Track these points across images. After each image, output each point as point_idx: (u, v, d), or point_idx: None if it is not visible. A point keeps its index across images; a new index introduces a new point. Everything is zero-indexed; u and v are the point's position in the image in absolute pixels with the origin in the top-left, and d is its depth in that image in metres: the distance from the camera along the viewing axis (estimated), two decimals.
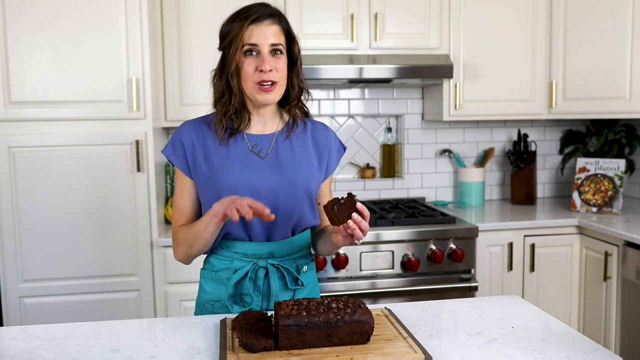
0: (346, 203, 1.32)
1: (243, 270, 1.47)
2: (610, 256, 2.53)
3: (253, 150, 1.48)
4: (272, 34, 1.42)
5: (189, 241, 1.46)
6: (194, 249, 1.47)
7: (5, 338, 1.33)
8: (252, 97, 1.45)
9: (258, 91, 1.43)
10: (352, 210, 1.33)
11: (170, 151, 1.51)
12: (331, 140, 1.58)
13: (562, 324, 1.37)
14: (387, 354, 1.15)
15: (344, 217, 1.32)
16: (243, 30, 1.40)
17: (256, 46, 1.41)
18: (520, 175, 3.18)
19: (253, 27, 1.41)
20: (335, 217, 1.31)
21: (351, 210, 1.33)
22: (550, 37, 2.95)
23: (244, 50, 1.41)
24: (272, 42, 1.42)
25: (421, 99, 3.25)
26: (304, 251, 1.56)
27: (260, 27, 1.41)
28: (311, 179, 1.51)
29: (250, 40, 1.40)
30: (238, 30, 1.40)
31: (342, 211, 1.32)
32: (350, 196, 1.33)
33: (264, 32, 1.41)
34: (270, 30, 1.42)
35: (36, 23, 2.28)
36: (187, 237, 1.46)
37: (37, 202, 2.35)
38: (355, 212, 1.33)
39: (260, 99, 1.44)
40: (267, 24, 1.42)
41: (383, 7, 2.80)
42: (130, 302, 2.44)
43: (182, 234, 1.48)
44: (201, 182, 1.48)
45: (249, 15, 1.41)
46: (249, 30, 1.40)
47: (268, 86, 1.42)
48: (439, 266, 2.57)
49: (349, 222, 1.32)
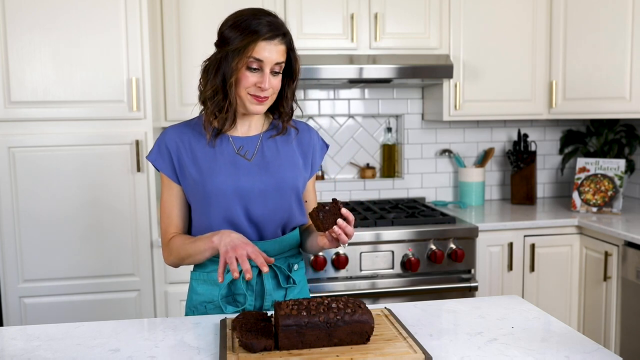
0: (331, 209, 1.34)
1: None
2: (610, 256, 2.53)
3: (239, 152, 1.49)
4: (278, 53, 1.42)
5: (181, 255, 1.49)
6: (185, 262, 1.51)
7: (5, 338, 1.33)
8: (243, 105, 1.46)
9: (251, 101, 1.44)
10: (337, 216, 1.35)
11: (156, 156, 1.51)
12: (314, 139, 1.61)
13: (562, 324, 1.37)
14: (387, 354, 1.15)
15: (329, 223, 1.34)
16: (252, 45, 1.39)
17: (262, 63, 1.41)
18: (520, 175, 3.18)
19: (263, 44, 1.40)
20: (321, 224, 1.34)
21: (336, 215, 1.35)
22: (550, 37, 2.95)
23: (248, 64, 1.41)
24: (277, 62, 1.43)
25: (421, 99, 3.25)
26: (294, 250, 1.58)
27: (269, 45, 1.41)
28: (298, 177, 1.52)
29: (257, 56, 1.40)
30: (247, 44, 1.39)
31: (327, 217, 1.34)
32: (334, 202, 1.35)
33: (272, 51, 1.41)
34: (277, 50, 1.42)
35: (36, 23, 2.28)
36: (179, 251, 1.48)
37: (37, 202, 2.35)
38: (340, 217, 1.35)
39: (251, 109, 1.46)
40: (276, 43, 1.42)
41: (383, 7, 2.80)
42: (130, 302, 2.44)
43: (175, 246, 1.49)
44: (189, 187, 1.48)
45: (260, 31, 1.39)
46: (258, 46, 1.40)
47: (260, 98, 1.44)
48: (439, 266, 2.57)
49: (334, 228, 1.34)
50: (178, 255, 1.49)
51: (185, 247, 1.47)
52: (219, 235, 1.38)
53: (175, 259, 1.51)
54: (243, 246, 1.32)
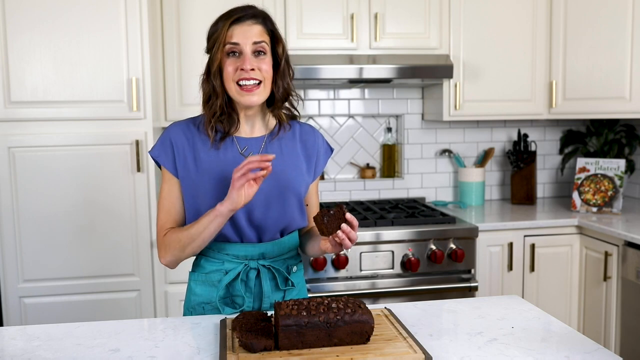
0: (335, 214, 1.34)
1: (234, 272, 1.47)
2: (610, 256, 2.53)
3: (243, 153, 1.48)
4: (254, 33, 1.41)
5: (183, 243, 1.42)
6: (187, 251, 1.44)
7: (5, 338, 1.33)
8: (235, 98, 1.44)
9: (239, 92, 1.42)
10: (341, 220, 1.34)
11: (158, 151, 1.49)
12: (319, 142, 1.59)
13: (562, 324, 1.37)
14: (387, 354, 1.15)
15: (333, 227, 1.34)
16: (225, 30, 1.40)
17: (237, 45, 1.40)
18: (520, 175, 3.18)
19: (235, 26, 1.40)
20: (325, 229, 1.34)
21: (340, 220, 1.34)
22: (550, 37, 2.95)
23: (225, 51, 1.41)
24: (254, 41, 1.41)
25: (421, 99, 3.25)
26: (293, 252, 1.57)
27: (242, 26, 1.41)
28: (300, 182, 1.51)
29: (231, 39, 1.40)
30: (220, 31, 1.40)
31: (331, 222, 1.34)
32: (339, 207, 1.35)
33: (245, 31, 1.40)
34: (252, 30, 1.41)
35: (36, 23, 2.28)
36: (180, 239, 1.42)
37: (37, 202, 2.35)
38: (344, 222, 1.34)
39: (242, 101, 1.43)
40: (250, 23, 1.41)
41: (383, 7, 2.80)
42: (130, 302, 2.44)
43: (174, 237, 1.44)
44: (189, 186, 1.47)
45: (231, 15, 1.41)
46: (230, 29, 1.40)
47: (250, 86, 1.41)
48: (439, 266, 2.57)
49: (338, 233, 1.33)
50: (178, 244, 1.43)
51: (186, 231, 1.41)
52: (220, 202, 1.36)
53: (175, 250, 1.44)
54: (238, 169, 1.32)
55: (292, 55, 1.56)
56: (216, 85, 1.43)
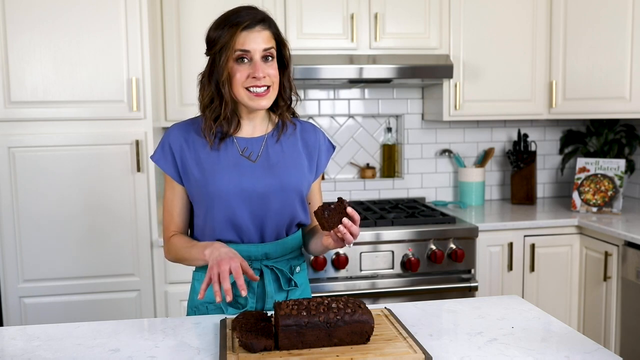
0: (336, 208, 1.33)
1: None
2: (610, 256, 2.53)
3: (243, 154, 1.48)
4: (263, 39, 1.41)
5: (179, 257, 1.51)
6: (183, 263, 1.53)
7: (5, 338, 1.33)
8: (245, 103, 1.44)
9: (250, 97, 1.42)
10: (342, 215, 1.33)
11: (159, 156, 1.51)
12: (320, 140, 1.59)
13: (562, 324, 1.37)
14: (387, 354, 1.15)
15: (335, 222, 1.33)
16: (235, 38, 1.39)
17: (248, 53, 1.40)
18: (520, 175, 3.18)
19: (245, 33, 1.39)
20: (326, 223, 1.32)
21: (341, 215, 1.33)
22: (550, 37, 2.95)
23: (235, 57, 1.40)
24: (264, 47, 1.41)
25: (421, 99, 3.25)
26: (296, 252, 1.57)
27: (252, 33, 1.40)
28: (302, 180, 1.51)
29: (242, 47, 1.39)
30: (229, 38, 1.39)
31: (332, 216, 1.33)
32: (340, 201, 1.34)
33: (255, 38, 1.40)
34: (261, 36, 1.41)
35: (36, 23, 2.28)
36: (177, 252, 1.50)
37: (37, 202, 2.35)
38: (345, 216, 1.33)
39: (254, 106, 1.43)
40: (259, 29, 1.41)
41: (383, 7, 2.80)
42: (130, 302, 2.44)
43: (174, 246, 1.51)
44: (192, 188, 1.48)
45: (239, 21, 1.39)
46: (240, 37, 1.39)
47: (262, 92, 1.42)
48: (439, 266, 2.57)
49: (339, 227, 1.32)
50: (176, 254, 1.52)
51: (183, 251, 1.48)
52: (211, 248, 1.37)
53: (174, 256, 1.53)
54: (227, 261, 1.30)
55: (292, 55, 1.56)
56: (225, 92, 1.42)
